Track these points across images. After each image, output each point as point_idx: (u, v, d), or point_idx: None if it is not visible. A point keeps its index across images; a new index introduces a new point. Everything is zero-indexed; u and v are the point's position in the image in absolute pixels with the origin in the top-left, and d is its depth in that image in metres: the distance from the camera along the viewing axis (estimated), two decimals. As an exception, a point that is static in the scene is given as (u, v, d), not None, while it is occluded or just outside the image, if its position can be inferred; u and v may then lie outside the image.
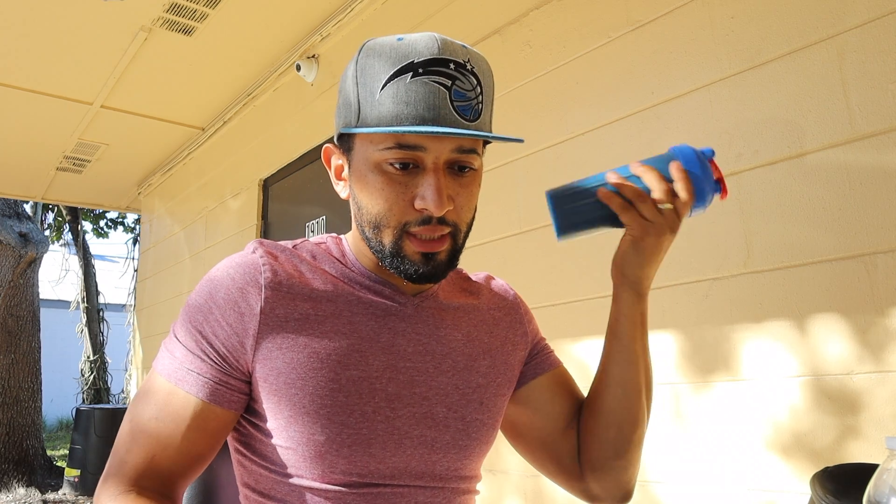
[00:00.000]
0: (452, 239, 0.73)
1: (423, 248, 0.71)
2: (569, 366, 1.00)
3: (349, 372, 0.71)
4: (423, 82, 0.67)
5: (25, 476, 5.78)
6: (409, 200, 0.70)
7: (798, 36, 1.38)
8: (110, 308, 8.29)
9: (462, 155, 0.70)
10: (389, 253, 0.72)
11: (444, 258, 0.73)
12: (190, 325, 0.72)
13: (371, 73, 0.69)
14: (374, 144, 0.70)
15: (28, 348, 6.13)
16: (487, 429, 0.80)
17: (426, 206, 0.68)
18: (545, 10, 1.95)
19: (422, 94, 0.67)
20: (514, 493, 1.86)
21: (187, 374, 0.70)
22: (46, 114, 3.74)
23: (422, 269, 0.71)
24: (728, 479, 1.41)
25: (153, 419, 0.69)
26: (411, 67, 0.67)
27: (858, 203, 1.27)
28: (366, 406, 0.71)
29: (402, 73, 0.67)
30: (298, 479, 0.71)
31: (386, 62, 0.68)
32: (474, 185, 0.74)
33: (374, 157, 0.70)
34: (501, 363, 0.84)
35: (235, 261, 0.75)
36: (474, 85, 0.70)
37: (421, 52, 0.68)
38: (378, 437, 0.71)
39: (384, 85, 0.67)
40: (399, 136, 0.68)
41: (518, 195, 1.97)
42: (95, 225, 8.14)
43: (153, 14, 2.79)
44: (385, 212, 0.70)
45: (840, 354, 1.27)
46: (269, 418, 0.71)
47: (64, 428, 10.73)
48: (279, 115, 3.34)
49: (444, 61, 0.68)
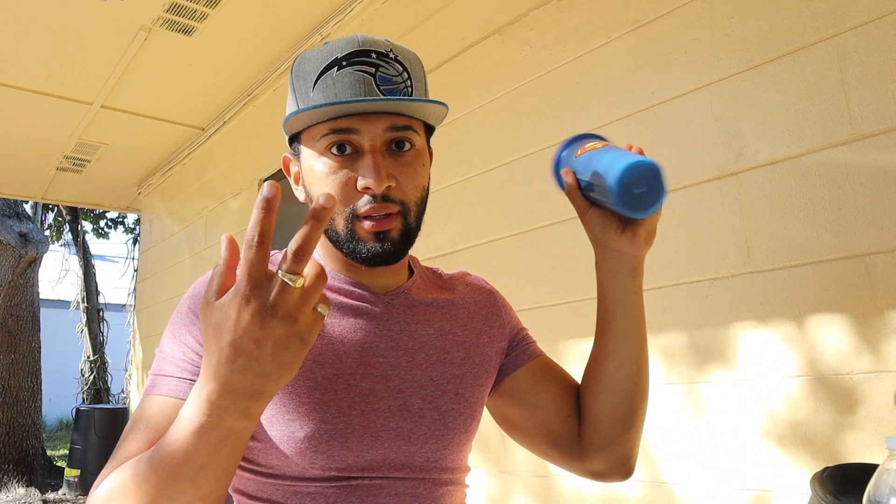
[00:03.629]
0: (403, 218, 0.75)
1: (375, 228, 0.74)
2: (570, 365, 1.00)
3: (324, 370, 0.74)
4: (348, 72, 0.72)
5: (25, 476, 5.78)
6: (353, 184, 0.73)
7: (798, 36, 1.38)
8: (110, 308, 8.29)
9: (398, 132, 0.74)
10: (345, 238, 0.75)
11: (396, 236, 0.75)
12: (174, 339, 0.74)
13: (303, 77, 0.75)
14: (314, 138, 0.75)
15: (28, 348, 6.13)
16: (465, 418, 0.81)
17: (367, 184, 0.72)
18: (545, 10, 1.95)
19: (347, 81, 0.72)
20: (522, 492, 1.86)
21: (179, 382, 0.71)
22: (46, 114, 3.74)
23: (376, 249, 0.74)
24: (728, 479, 1.41)
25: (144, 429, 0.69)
26: (336, 62, 0.73)
27: (858, 203, 1.27)
28: (341, 402, 0.73)
29: (328, 69, 0.73)
30: (282, 478, 0.73)
31: (314, 64, 0.74)
32: (417, 164, 0.77)
33: (316, 150, 0.75)
34: (477, 354, 0.86)
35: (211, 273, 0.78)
36: (399, 71, 0.75)
37: (343, 47, 0.74)
38: (355, 431, 0.73)
39: (314, 83, 0.73)
40: (332, 123, 0.72)
41: (518, 195, 1.97)
42: (95, 225, 8.14)
43: (153, 14, 2.79)
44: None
45: (840, 354, 1.27)
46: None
47: (64, 428, 10.72)
48: (279, 115, 3.34)
49: (366, 52, 0.73)
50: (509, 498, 1.88)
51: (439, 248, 2.19)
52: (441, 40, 2.32)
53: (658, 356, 1.56)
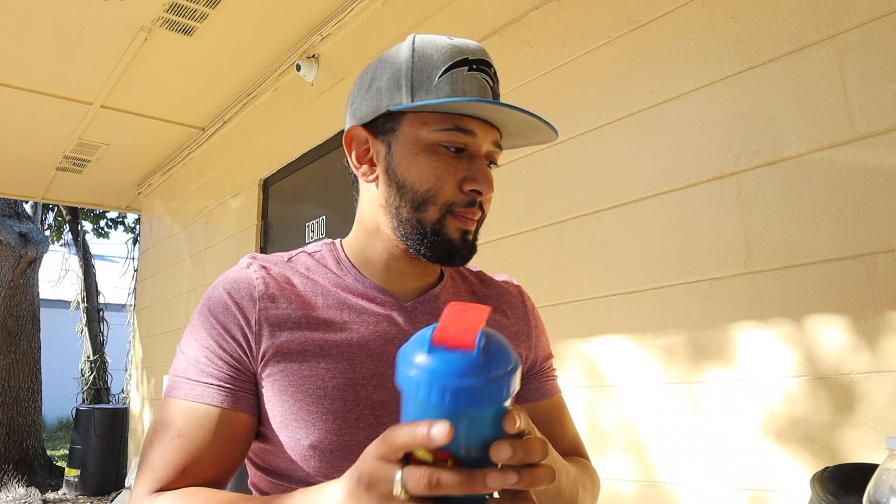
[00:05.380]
0: (478, 225, 0.79)
1: (464, 225, 0.76)
2: (570, 365, 1.00)
3: (336, 380, 0.73)
4: (477, 76, 0.75)
5: (25, 476, 5.78)
6: (458, 182, 0.75)
7: (798, 36, 1.38)
8: (110, 308, 8.29)
9: (496, 149, 0.78)
10: (430, 230, 0.75)
11: (471, 239, 0.78)
12: (197, 343, 0.74)
13: (428, 61, 0.75)
14: (429, 126, 0.74)
15: (28, 348, 6.13)
16: None
17: (478, 187, 0.74)
18: (545, 10, 1.95)
19: (476, 84, 0.75)
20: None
21: (205, 388, 0.72)
22: (46, 114, 3.73)
23: (458, 246, 0.76)
24: (727, 479, 1.41)
25: (176, 437, 0.70)
26: (467, 62, 0.75)
27: (858, 203, 1.27)
28: (349, 413, 0.73)
29: (459, 65, 0.74)
30: (286, 481, 0.74)
31: (443, 54, 0.75)
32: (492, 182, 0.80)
33: (428, 138, 0.74)
34: None
35: (230, 277, 0.78)
36: (498, 92, 0.80)
37: (473, 51, 0.76)
38: (359, 445, 0.72)
39: (443, 72, 0.74)
40: (458, 120, 0.74)
41: (518, 195, 1.97)
42: (95, 225, 8.13)
43: (153, 14, 2.79)
44: (435, 190, 0.74)
45: (840, 354, 1.27)
46: (265, 423, 0.74)
47: (64, 428, 10.72)
48: (279, 115, 3.34)
49: (489, 63, 0.77)
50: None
51: (439, 248, 2.19)
52: (441, 40, 2.32)
53: (657, 356, 1.56)
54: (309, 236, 3.04)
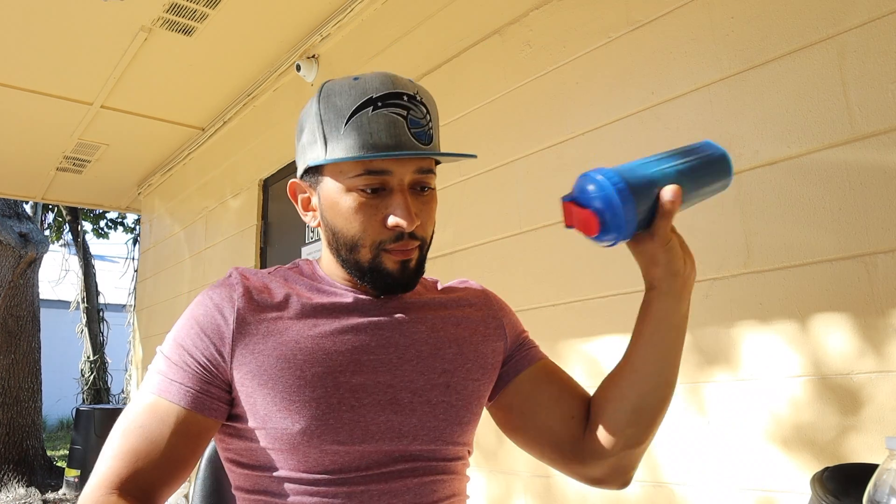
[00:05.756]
0: (420, 251, 0.82)
1: (400, 257, 0.80)
2: (570, 366, 1.00)
3: (314, 368, 0.77)
4: (383, 114, 0.76)
5: (25, 476, 5.78)
6: (381, 220, 0.78)
7: (798, 36, 1.38)
8: (110, 308, 8.29)
9: (422, 175, 0.80)
10: (368, 269, 0.80)
11: (413, 267, 0.82)
12: (174, 341, 0.80)
13: (334, 111, 0.77)
14: (344, 174, 0.78)
15: (28, 348, 6.13)
16: (456, 410, 0.83)
17: (398, 223, 0.77)
18: (545, 10, 1.95)
19: (383, 123, 0.76)
20: (523, 493, 1.86)
21: (171, 384, 0.76)
22: (46, 114, 3.73)
23: (398, 277, 0.81)
24: (728, 479, 1.41)
25: (139, 427, 0.75)
26: (371, 102, 0.76)
27: (858, 203, 1.27)
28: (331, 398, 0.76)
29: (363, 107, 0.76)
30: (279, 472, 0.77)
31: (347, 99, 0.77)
32: (433, 203, 0.83)
33: (346, 185, 0.78)
34: (471, 351, 0.87)
35: (214, 285, 0.84)
36: (424, 113, 0.79)
37: (378, 87, 0.77)
38: (345, 426, 0.76)
39: (348, 119, 0.76)
40: (367, 163, 0.76)
41: (518, 195, 1.97)
42: (95, 225, 8.13)
43: (153, 14, 2.79)
44: (360, 233, 0.79)
45: (840, 354, 1.27)
46: (249, 419, 0.77)
47: (64, 428, 10.72)
48: (279, 115, 3.34)
49: (399, 94, 0.77)
50: (510, 498, 1.88)
51: (439, 248, 2.19)
52: (441, 40, 2.32)
53: (658, 356, 1.56)
54: (309, 236, 3.05)
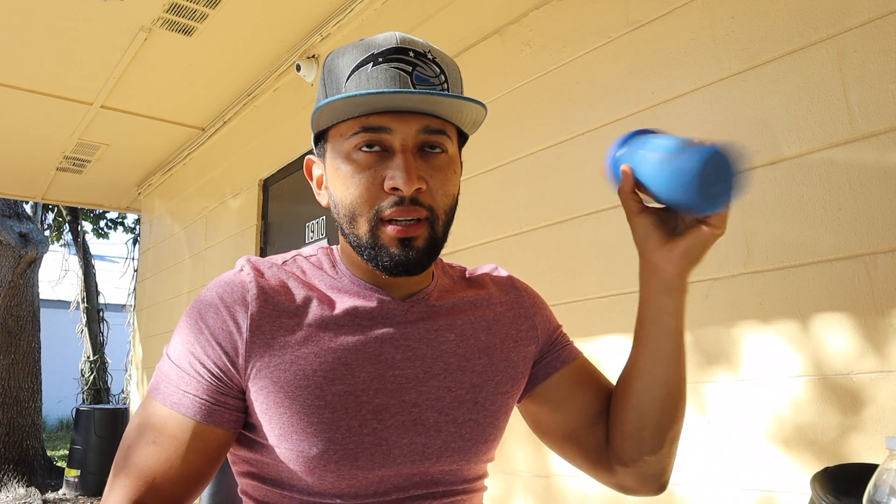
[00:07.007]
0: (430, 226, 0.71)
1: (400, 234, 0.70)
2: (569, 366, 1.00)
3: (335, 387, 0.70)
4: (384, 68, 0.69)
5: (25, 476, 5.78)
6: (380, 184, 0.70)
7: (798, 36, 1.38)
8: (110, 308, 8.29)
9: (430, 135, 0.71)
10: (367, 244, 0.71)
11: (421, 245, 0.71)
12: (182, 346, 0.72)
13: (336, 72, 0.72)
14: (343, 136, 0.71)
15: (28, 348, 6.13)
16: (483, 428, 0.77)
17: (396, 184, 0.68)
18: (545, 10, 1.95)
19: (382, 77, 0.69)
20: (523, 493, 1.86)
21: (183, 396, 0.70)
22: (46, 114, 3.73)
23: (399, 257, 0.70)
24: (728, 479, 1.41)
25: (151, 443, 0.69)
26: (372, 58, 0.70)
27: (858, 203, 1.27)
28: (352, 420, 0.70)
29: (363, 63, 0.70)
30: (291, 491, 0.72)
31: (349, 58, 0.71)
32: (448, 170, 0.73)
33: (344, 149, 0.71)
34: (501, 361, 0.81)
35: (224, 280, 0.75)
36: (437, 73, 0.71)
37: (381, 44, 0.71)
38: (365, 451, 0.70)
39: (348, 77, 0.70)
40: (363, 120, 0.69)
41: (518, 195, 1.97)
42: (95, 225, 8.13)
43: (153, 14, 2.79)
44: (357, 198, 0.70)
45: (840, 354, 1.27)
46: (265, 434, 0.71)
47: (64, 428, 10.72)
48: (279, 115, 3.34)
49: (404, 50, 0.70)
50: (510, 498, 1.88)
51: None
52: (441, 40, 2.32)
53: (658, 356, 1.56)
54: (309, 236, 3.04)
